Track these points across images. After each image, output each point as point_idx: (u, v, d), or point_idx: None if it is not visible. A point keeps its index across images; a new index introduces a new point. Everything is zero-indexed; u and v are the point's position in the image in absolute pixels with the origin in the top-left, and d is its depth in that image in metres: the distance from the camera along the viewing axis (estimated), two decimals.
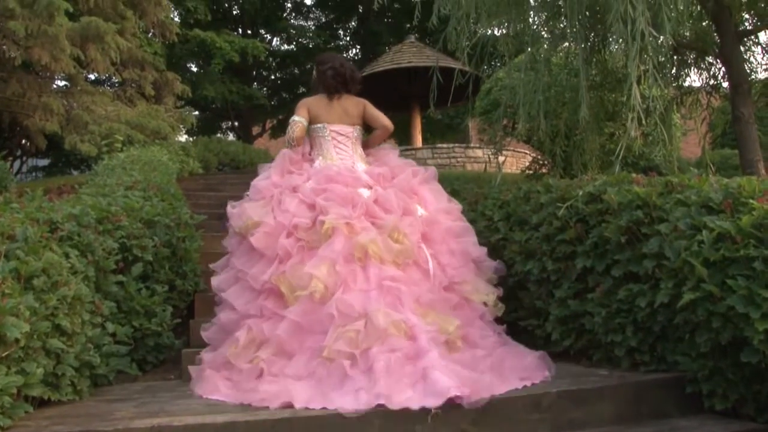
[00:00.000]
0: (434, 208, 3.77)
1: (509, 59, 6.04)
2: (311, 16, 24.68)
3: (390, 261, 3.29)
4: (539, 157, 8.76)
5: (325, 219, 3.37)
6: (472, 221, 4.27)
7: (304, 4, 24.36)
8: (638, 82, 3.89)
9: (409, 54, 14.21)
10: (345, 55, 23.92)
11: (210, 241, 5.12)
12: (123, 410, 2.52)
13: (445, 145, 13.85)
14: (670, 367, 2.75)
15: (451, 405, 2.39)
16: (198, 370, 3.20)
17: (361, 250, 3.26)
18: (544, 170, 8.41)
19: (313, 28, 23.67)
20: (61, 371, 2.61)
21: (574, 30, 4.84)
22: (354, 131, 4.18)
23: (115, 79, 13.27)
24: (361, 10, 23.20)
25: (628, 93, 3.84)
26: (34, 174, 18.83)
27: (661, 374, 2.75)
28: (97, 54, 10.11)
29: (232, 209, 3.71)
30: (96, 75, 13.57)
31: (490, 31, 5.79)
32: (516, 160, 12.57)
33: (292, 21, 23.71)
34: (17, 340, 2.24)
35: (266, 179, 3.80)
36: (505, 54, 5.78)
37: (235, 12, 21.85)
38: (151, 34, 14.55)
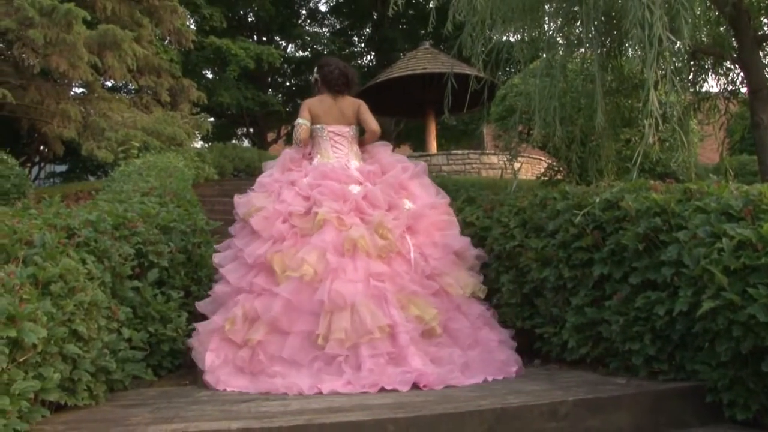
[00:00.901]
0: (422, 202, 4.21)
1: (524, 65, 6.03)
2: (326, 22, 24.83)
3: (375, 255, 3.75)
4: (554, 163, 8.72)
5: (318, 210, 3.86)
6: (487, 228, 4.29)
7: (319, 11, 24.50)
8: (655, 88, 3.86)
9: (423, 60, 14.23)
10: (359, 61, 24.05)
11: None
12: (139, 415, 2.53)
13: (460, 152, 13.85)
14: (690, 376, 2.71)
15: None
16: (202, 349, 3.57)
17: (351, 243, 3.71)
18: (559, 176, 8.37)
19: (327, 34, 23.80)
20: (77, 376, 2.62)
21: (590, 36, 4.83)
22: (350, 130, 4.58)
23: (131, 86, 13.39)
24: (375, 17, 23.27)
25: (645, 99, 3.81)
26: (51, 180, 19.03)
27: (680, 383, 2.71)
28: (114, 61, 10.22)
29: (239, 199, 4.22)
30: (113, 82, 13.70)
31: (505, 37, 5.78)
32: (531, 166, 12.55)
33: (306, 28, 23.86)
34: (35, 345, 2.25)
35: (269, 176, 4.35)
36: (521, 60, 5.76)
37: (250, 19, 22.01)
38: (167, 41, 14.67)
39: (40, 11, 8.68)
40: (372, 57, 24.88)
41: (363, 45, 25.30)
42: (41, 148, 14.14)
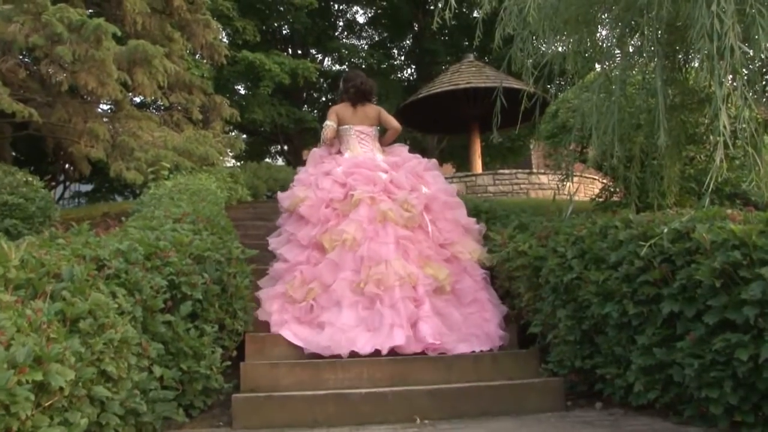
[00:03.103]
0: (435, 188, 5.53)
1: (578, 79, 5.93)
2: (363, 34, 24.95)
3: (402, 224, 5.02)
4: (610, 184, 8.56)
5: (354, 193, 5.15)
6: (542, 258, 4.21)
7: (357, 23, 24.64)
8: (725, 102, 3.73)
9: (467, 74, 14.20)
10: (399, 75, 24.09)
11: (261, 276, 5.14)
12: None
13: (507, 171, 13.72)
14: None
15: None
16: (268, 311, 4.71)
17: (382, 214, 5.00)
18: (616, 198, 8.21)
19: (365, 47, 23.88)
20: (105, 420, 2.60)
21: (651, 47, 4.72)
22: (373, 130, 6.01)
23: (161, 103, 13.56)
24: (416, 28, 23.31)
25: (714, 114, 3.68)
26: (76, 200, 19.27)
27: None
28: (145, 78, 10.29)
29: (283, 194, 5.67)
30: (142, 98, 13.84)
31: (556, 49, 5.70)
32: (584, 186, 12.35)
33: (344, 40, 23.97)
34: (61, 389, 2.23)
35: (304, 172, 5.78)
36: (574, 73, 5.67)
37: (284, 32, 22.17)
38: (198, 55, 14.85)
39: (68, 27, 8.76)
40: (412, 70, 24.93)
41: (402, 58, 25.37)
42: (66, 167, 14.33)
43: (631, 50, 5.39)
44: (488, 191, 12.80)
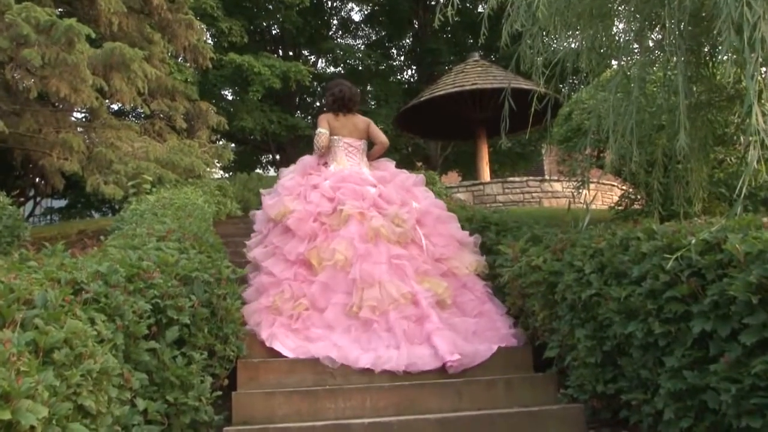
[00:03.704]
0: (426, 202, 5.82)
1: (593, 77, 5.92)
2: (360, 33, 25.05)
3: (395, 241, 5.22)
4: (630, 190, 8.54)
5: (343, 208, 5.35)
6: (557, 273, 4.18)
7: (352, 21, 24.76)
8: (758, 99, 3.70)
9: (473, 74, 14.23)
10: (399, 77, 24.15)
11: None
12: None
13: (517, 179, 13.74)
14: None
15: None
16: (253, 325, 4.82)
17: (374, 231, 5.19)
18: (636, 206, 8.19)
19: (362, 47, 23.96)
20: None
21: (673, 41, 4.70)
22: (362, 144, 6.25)
23: (141, 111, 13.49)
24: (416, 26, 23.38)
25: (746, 112, 3.64)
26: (49, 217, 19.14)
27: None
28: (123, 83, 10.26)
29: (269, 201, 5.83)
30: (120, 105, 13.77)
31: (568, 45, 5.69)
32: (601, 194, 12.36)
33: (338, 40, 24.04)
34: (33, 428, 2.19)
35: (291, 179, 5.93)
36: (588, 72, 5.65)
37: (274, 32, 22.24)
38: (181, 59, 14.85)
39: (36, 28, 8.60)
40: (413, 72, 25.04)
41: (402, 58, 25.50)
42: (37, 181, 14.19)
43: (651, 45, 5.38)
44: (497, 201, 12.80)
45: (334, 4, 24.17)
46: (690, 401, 3.03)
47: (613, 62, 5.77)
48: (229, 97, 20.63)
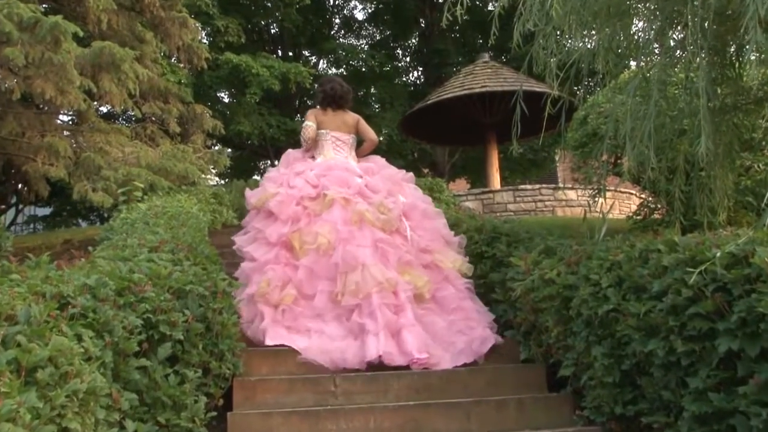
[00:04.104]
0: (413, 196, 6.05)
1: (610, 79, 5.90)
2: (363, 33, 25.08)
3: (379, 227, 5.41)
4: (650, 199, 8.53)
5: (327, 192, 5.59)
6: (572, 287, 4.16)
7: (355, 20, 24.80)
8: None
9: (483, 76, 14.26)
10: (404, 78, 24.18)
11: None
12: None
13: (529, 187, 13.75)
14: None
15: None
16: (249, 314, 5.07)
17: (358, 215, 5.42)
18: (656, 216, 8.18)
19: (366, 47, 23.97)
20: None
21: (697, 40, 4.69)
22: (350, 138, 6.46)
23: (132, 114, 13.46)
24: (423, 25, 23.40)
25: None
26: (32, 226, 19.04)
27: None
28: (112, 85, 10.19)
29: (251, 192, 6.09)
30: (109, 107, 13.70)
31: (584, 45, 5.68)
32: (619, 202, 12.35)
33: (341, 40, 24.08)
34: None
35: (276, 171, 6.29)
36: (605, 73, 5.64)
37: (273, 31, 22.29)
38: (174, 59, 14.86)
39: (19, 25, 8.49)
40: (419, 73, 25.06)
41: (408, 59, 25.53)
42: (20, 187, 14.13)
43: (672, 44, 5.37)
44: (508, 210, 12.80)
45: (337, 2, 24.27)
46: (717, 426, 3.00)
47: (632, 63, 5.77)
48: (226, 100, 20.68)
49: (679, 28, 5.19)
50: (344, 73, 22.85)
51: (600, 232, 4.88)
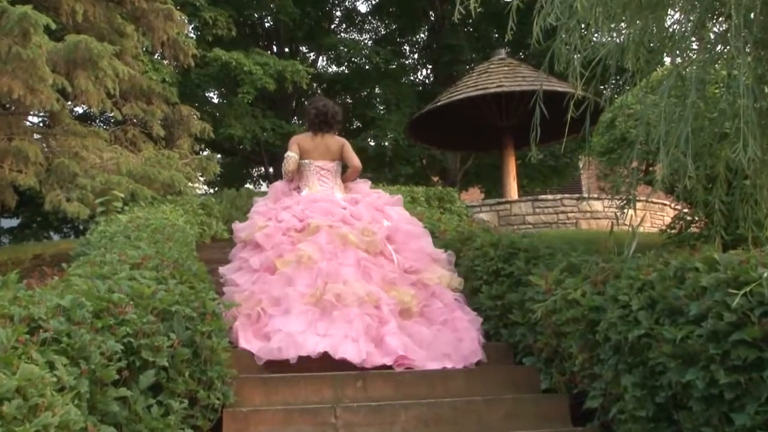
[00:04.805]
0: (398, 219, 6.60)
1: (640, 78, 5.89)
2: (367, 27, 25.12)
3: (363, 249, 5.92)
4: (686, 211, 8.51)
5: (311, 221, 6.14)
6: (598, 309, 4.13)
7: (358, 12, 24.83)
8: None
9: (498, 75, 14.28)
10: (412, 77, 24.22)
11: None
12: None
13: (550, 197, 13.75)
14: None
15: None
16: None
17: (342, 237, 5.95)
18: (693, 229, 8.16)
19: (369, 43, 23.98)
20: None
21: (741, 33, 4.67)
22: (334, 165, 7.04)
23: (111, 116, 13.41)
24: (433, 18, 23.43)
25: None
26: None
27: None
28: (89, 83, 10.11)
29: (239, 225, 6.74)
30: (85, 107, 13.66)
31: (612, 40, 5.67)
32: (650, 214, 12.32)
33: (342, 35, 24.10)
34: None
35: (264, 205, 6.79)
36: (635, 71, 5.63)
37: (267, 25, 22.32)
38: (158, 55, 14.87)
39: None
40: (428, 72, 25.09)
41: (416, 56, 25.54)
42: None
43: (712, 38, 5.35)
44: (527, 222, 12.81)
45: None
46: None
47: (666, 60, 5.75)
48: (215, 101, 20.74)
49: (720, 19, 5.19)
50: (346, 71, 22.90)
51: (629, 247, 4.86)
